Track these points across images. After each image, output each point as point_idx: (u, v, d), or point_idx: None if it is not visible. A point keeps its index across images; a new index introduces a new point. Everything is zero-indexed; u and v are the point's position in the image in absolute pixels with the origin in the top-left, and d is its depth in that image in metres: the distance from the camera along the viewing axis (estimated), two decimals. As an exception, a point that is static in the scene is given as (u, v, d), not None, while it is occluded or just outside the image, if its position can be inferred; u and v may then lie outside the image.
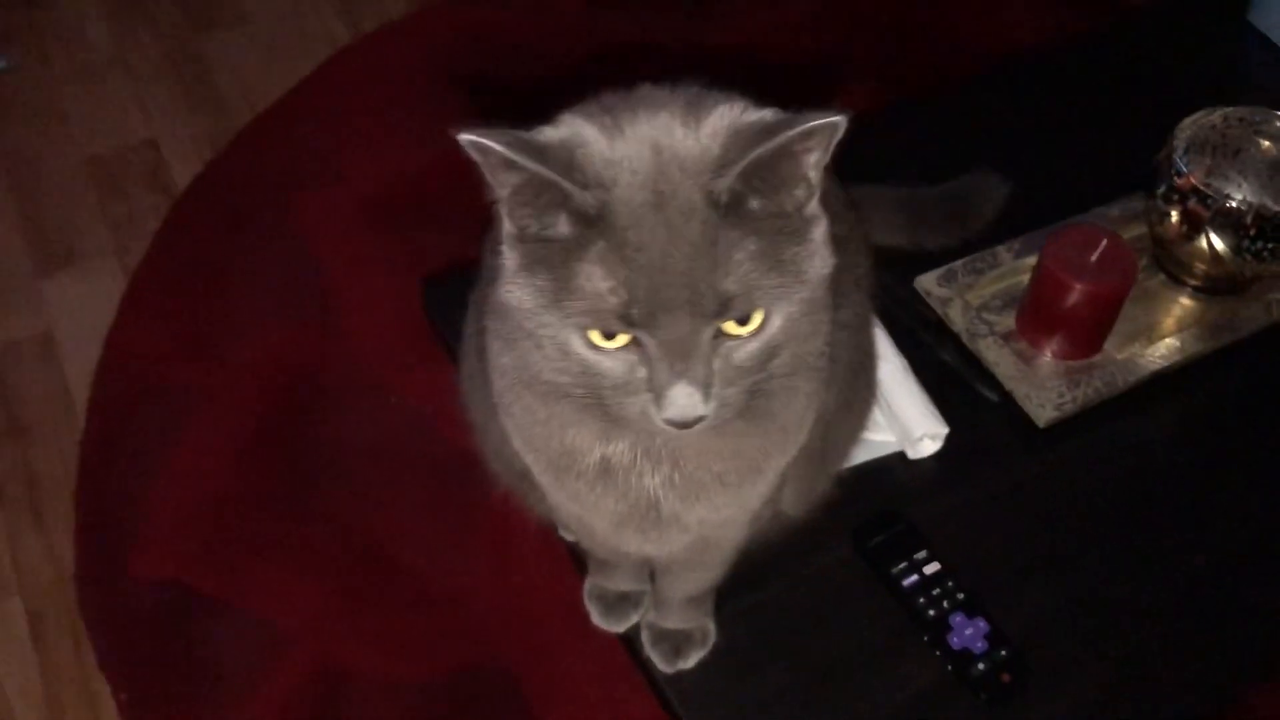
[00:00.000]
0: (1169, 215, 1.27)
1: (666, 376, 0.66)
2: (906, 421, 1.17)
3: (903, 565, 1.10)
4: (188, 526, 1.77)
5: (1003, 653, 1.04)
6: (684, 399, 0.66)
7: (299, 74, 2.42)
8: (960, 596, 1.08)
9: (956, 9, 2.53)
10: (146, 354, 1.97)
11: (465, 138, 0.63)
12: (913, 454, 1.19)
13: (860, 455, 1.17)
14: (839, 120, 0.63)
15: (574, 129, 0.69)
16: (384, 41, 2.51)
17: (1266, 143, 1.27)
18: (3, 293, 2.05)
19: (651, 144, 0.67)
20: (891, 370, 1.20)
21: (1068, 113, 1.55)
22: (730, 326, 0.66)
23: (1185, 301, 1.33)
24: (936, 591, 1.08)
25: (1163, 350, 1.26)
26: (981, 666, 1.04)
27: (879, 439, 1.19)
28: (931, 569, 1.09)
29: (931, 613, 1.07)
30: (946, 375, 1.25)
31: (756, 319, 0.66)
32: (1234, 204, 1.22)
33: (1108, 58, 1.65)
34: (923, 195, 1.34)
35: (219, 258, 2.11)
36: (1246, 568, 1.14)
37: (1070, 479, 1.19)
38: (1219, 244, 1.25)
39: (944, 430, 1.18)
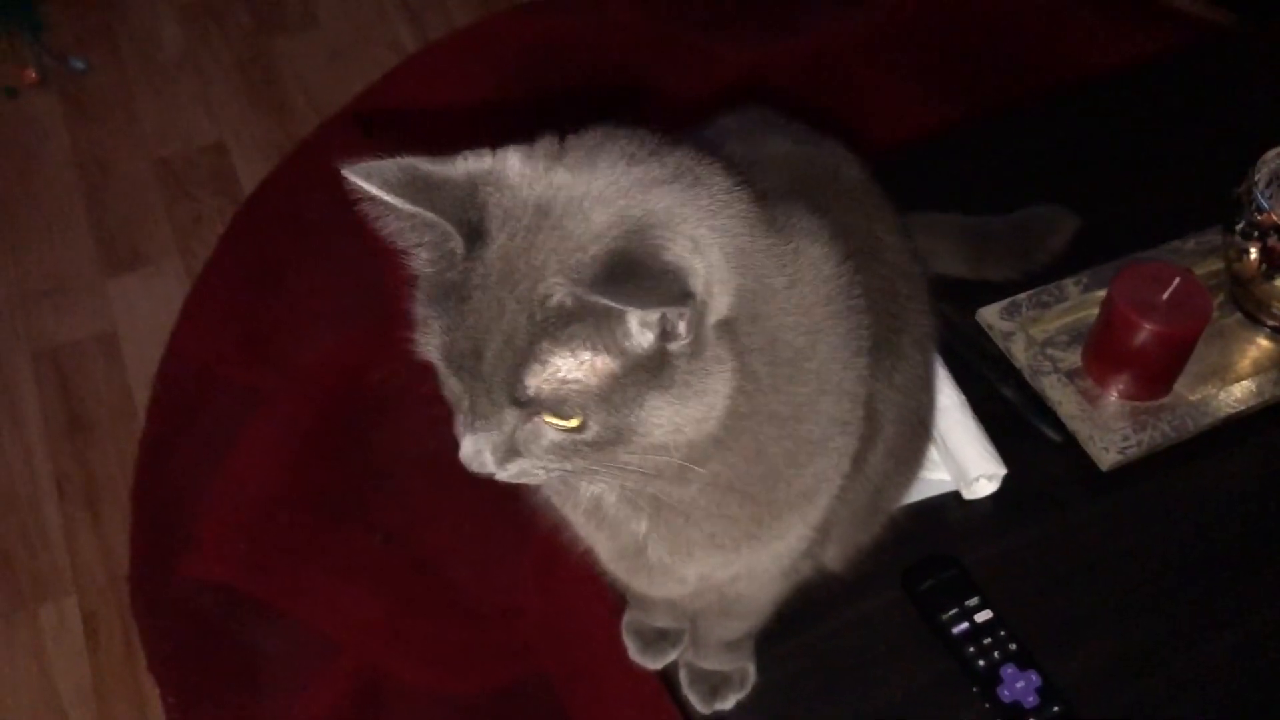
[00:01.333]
0: (1248, 252, 1.22)
1: (463, 423, 0.67)
2: (963, 461, 1.14)
3: (953, 612, 1.06)
4: (240, 530, 1.79)
5: (1055, 709, 1.00)
6: (470, 449, 0.67)
7: (366, 80, 2.44)
8: (1012, 647, 1.04)
9: (1033, 31, 2.47)
10: (207, 356, 1.99)
11: (347, 174, 0.63)
12: (968, 494, 1.15)
13: (913, 494, 1.13)
14: (679, 310, 0.61)
15: (502, 165, 0.67)
16: (450, 49, 2.52)
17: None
18: (70, 292, 2.09)
19: (543, 214, 0.64)
20: (949, 407, 1.16)
21: (1143, 140, 1.50)
22: (547, 414, 0.65)
23: (1263, 343, 1.27)
24: (988, 641, 1.04)
25: (1238, 394, 1.21)
26: (1032, 722, 1.00)
27: (934, 478, 1.15)
28: (983, 617, 1.05)
29: (982, 663, 1.03)
30: (1006, 412, 1.21)
31: (573, 421, 0.64)
32: (1312, 240, 1.16)
33: (1186, 84, 1.59)
34: (988, 225, 1.30)
35: (282, 263, 2.13)
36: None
37: (1133, 527, 1.14)
38: (1297, 280, 1.20)
39: (1002, 471, 1.14)
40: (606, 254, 0.62)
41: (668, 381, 0.64)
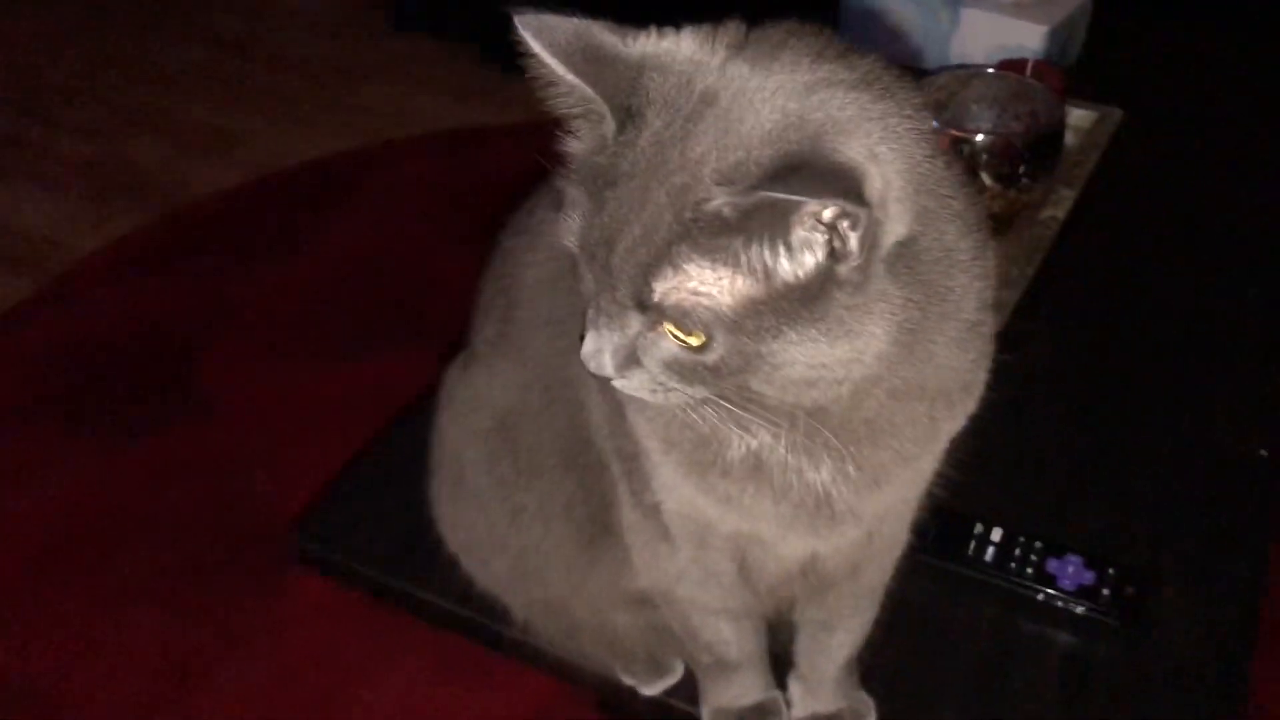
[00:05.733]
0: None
1: (589, 319, 0.63)
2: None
3: (973, 545, 1.03)
4: None
5: (1110, 571, 1.01)
6: (591, 347, 0.62)
7: None
8: (1038, 545, 1.03)
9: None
10: None
11: (518, 23, 0.59)
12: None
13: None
14: (852, 210, 0.55)
15: (674, 47, 0.62)
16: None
17: (980, 90, 1.41)
18: None
19: (708, 104, 0.59)
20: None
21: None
22: (669, 325, 0.59)
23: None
24: (1018, 551, 1.03)
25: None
26: (1106, 592, 0.99)
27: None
28: (997, 535, 1.04)
29: (1029, 570, 1.01)
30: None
31: (695, 339, 0.59)
32: (995, 137, 1.32)
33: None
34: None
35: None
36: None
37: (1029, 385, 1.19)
38: (989, 181, 1.34)
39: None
40: (774, 157, 0.56)
41: (820, 314, 0.58)
